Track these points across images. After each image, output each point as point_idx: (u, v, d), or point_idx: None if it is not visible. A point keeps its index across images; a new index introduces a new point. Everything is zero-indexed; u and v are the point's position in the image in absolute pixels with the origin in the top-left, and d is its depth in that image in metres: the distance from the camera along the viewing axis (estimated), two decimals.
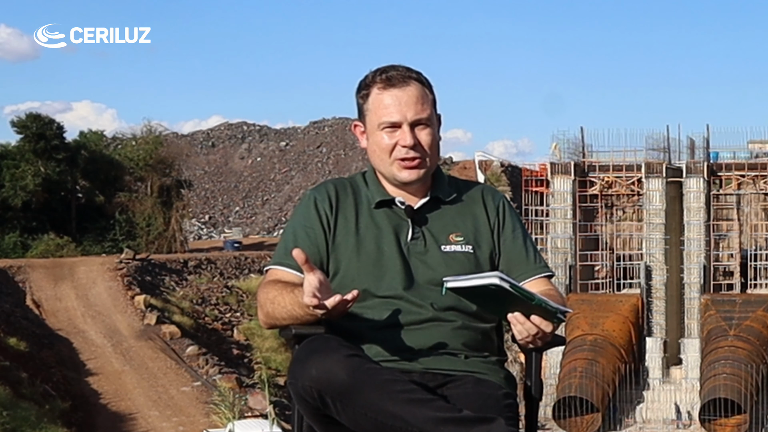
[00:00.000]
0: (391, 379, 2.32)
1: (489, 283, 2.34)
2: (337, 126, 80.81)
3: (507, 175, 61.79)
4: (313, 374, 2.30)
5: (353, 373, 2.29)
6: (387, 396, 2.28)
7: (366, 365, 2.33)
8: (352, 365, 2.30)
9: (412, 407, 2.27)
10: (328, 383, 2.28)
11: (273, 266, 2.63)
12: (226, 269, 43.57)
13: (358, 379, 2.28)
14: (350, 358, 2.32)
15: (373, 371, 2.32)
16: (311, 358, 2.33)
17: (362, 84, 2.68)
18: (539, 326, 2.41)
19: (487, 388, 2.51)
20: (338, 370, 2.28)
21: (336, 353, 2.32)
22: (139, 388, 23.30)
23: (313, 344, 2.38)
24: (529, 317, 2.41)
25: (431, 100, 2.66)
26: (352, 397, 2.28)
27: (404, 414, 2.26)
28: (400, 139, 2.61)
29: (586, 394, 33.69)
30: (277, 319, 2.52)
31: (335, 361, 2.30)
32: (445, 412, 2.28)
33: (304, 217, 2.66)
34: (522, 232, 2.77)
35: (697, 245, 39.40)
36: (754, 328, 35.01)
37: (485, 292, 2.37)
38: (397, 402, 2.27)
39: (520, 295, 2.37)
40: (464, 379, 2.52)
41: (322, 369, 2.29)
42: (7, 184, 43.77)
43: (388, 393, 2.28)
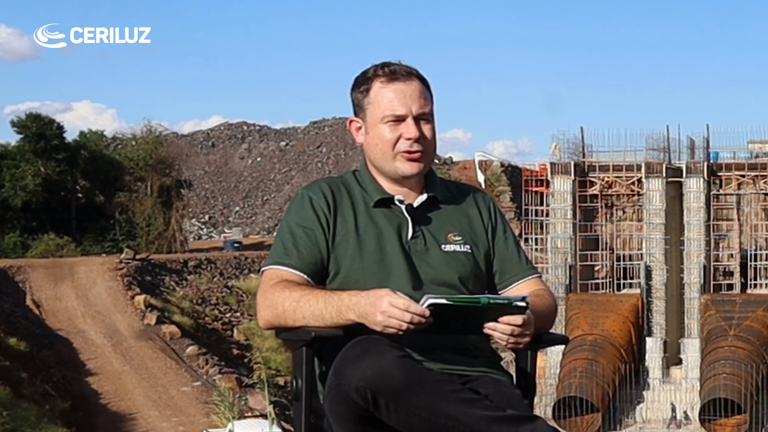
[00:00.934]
0: (442, 380, 2.34)
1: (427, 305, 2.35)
2: (337, 126, 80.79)
3: (507, 175, 61.87)
4: (368, 375, 2.28)
5: (408, 373, 2.29)
6: (440, 396, 2.29)
7: (418, 366, 2.35)
8: (406, 366, 2.31)
9: (465, 407, 2.29)
10: (383, 384, 2.27)
11: (273, 266, 2.59)
12: (226, 269, 43.57)
13: (412, 380, 2.29)
14: (403, 359, 2.32)
15: (426, 372, 2.34)
16: (364, 358, 2.31)
17: (361, 79, 2.68)
18: (509, 322, 2.41)
19: (506, 388, 2.54)
20: (393, 371, 2.28)
21: (389, 354, 2.32)
22: (139, 388, 23.30)
23: (364, 345, 2.36)
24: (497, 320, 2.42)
25: (431, 97, 2.68)
26: (407, 398, 2.28)
27: (458, 414, 2.29)
28: (404, 131, 2.61)
29: (586, 394, 33.68)
30: (295, 320, 2.47)
31: (389, 361, 2.30)
32: (494, 411, 2.31)
33: (301, 217, 2.63)
34: (511, 234, 2.80)
35: (697, 245, 39.38)
36: (754, 328, 35.01)
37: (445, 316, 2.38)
38: (451, 402, 2.29)
39: (465, 304, 2.38)
40: (482, 379, 2.54)
41: (378, 370, 2.28)
42: (7, 184, 43.77)
43: (441, 393, 2.30)
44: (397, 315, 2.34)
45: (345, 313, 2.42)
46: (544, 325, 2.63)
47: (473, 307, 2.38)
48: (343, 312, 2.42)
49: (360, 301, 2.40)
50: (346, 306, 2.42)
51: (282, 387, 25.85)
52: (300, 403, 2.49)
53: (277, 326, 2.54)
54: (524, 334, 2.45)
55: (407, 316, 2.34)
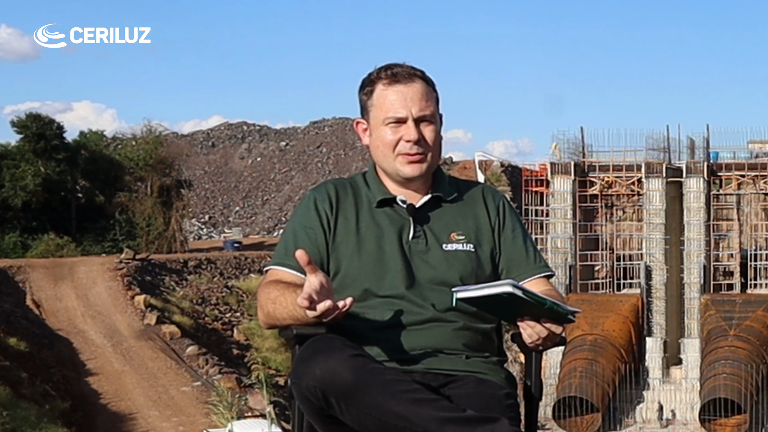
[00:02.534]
0: (395, 379, 2.32)
1: (502, 292, 2.34)
2: (337, 126, 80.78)
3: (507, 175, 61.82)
4: (317, 374, 2.29)
5: (357, 372, 2.28)
6: (391, 396, 2.27)
7: (370, 365, 2.33)
8: (356, 365, 2.30)
9: (417, 407, 2.27)
10: (332, 383, 2.28)
11: (273, 266, 2.63)
12: (226, 269, 43.55)
13: (362, 379, 2.28)
14: (354, 358, 2.32)
15: (377, 371, 2.32)
16: (315, 358, 2.33)
17: (366, 81, 2.69)
18: (550, 329, 2.42)
19: (489, 388, 2.52)
20: (342, 370, 2.28)
21: (340, 353, 2.32)
22: (139, 388, 23.28)
23: (317, 344, 2.37)
24: (539, 321, 2.42)
25: (435, 98, 2.67)
26: (357, 397, 2.27)
27: (408, 414, 2.26)
28: (404, 134, 2.61)
29: (586, 394, 33.69)
30: (278, 320, 2.51)
31: (339, 360, 2.30)
32: (449, 411, 2.28)
33: (303, 218, 2.66)
34: (522, 232, 2.78)
35: (697, 245, 39.40)
36: (754, 328, 35.01)
37: (496, 301, 2.38)
38: (402, 402, 2.27)
39: (533, 301, 2.38)
40: (466, 379, 2.53)
41: (326, 369, 2.29)
42: (7, 184, 43.75)
43: (392, 393, 2.28)
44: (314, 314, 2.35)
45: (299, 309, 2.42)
46: None
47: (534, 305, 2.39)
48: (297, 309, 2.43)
49: None
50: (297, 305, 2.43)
51: (281, 387, 25.84)
52: (295, 401, 2.49)
53: (270, 325, 2.57)
54: (553, 341, 2.47)
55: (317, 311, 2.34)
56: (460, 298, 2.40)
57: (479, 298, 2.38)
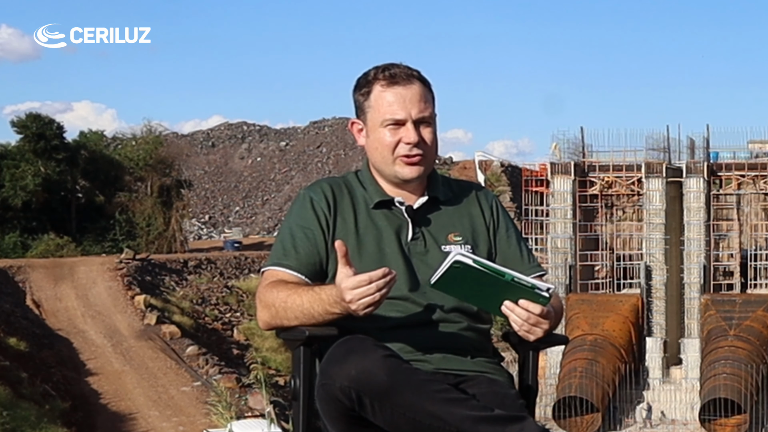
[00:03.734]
0: (428, 379, 2.33)
1: (452, 262, 2.32)
2: (337, 126, 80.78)
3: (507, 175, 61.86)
4: (352, 374, 2.28)
5: (392, 373, 2.29)
6: (425, 396, 2.28)
7: (403, 365, 2.34)
8: (390, 366, 2.30)
9: (450, 407, 2.28)
10: (367, 383, 2.27)
11: (271, 267, 2.61)
12: (226, 269, 43.55)
13: (397, 380, 2.28)
14: (388, 359, 2.32)
15: (411, 371, 2.33)
16: (349, 358, 2.31)
17: (362, 81, 2.68)
18: (527, 308, 2.39)
19: (501, 388, 2.53)
20: (378, 371, 2.28)
21: (374, 353, 2.32)
22: (139, 388, 23.28)
23: (350, 344, 2.36)
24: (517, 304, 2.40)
25: (432, 99, 2.67)
26: (391, 398, 2.27)
27: (442, 413, 2.27)
28: (403, 136, 2.61)
29: (586, 394, 33.66)
30: (288, 319, 2.49)
31: (374, 361, 2.30)
32: (480, 411, 2.30)
33: (301, 218, 2.65)
34: (515, 232, 2.79)
35: (697, 245, 39.36)
36: (754, 328, 34.98)
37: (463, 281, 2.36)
38: (435, 401, 2.28)
39: (489, 271, 2.34)
40: (476, 379, 2.54)
41: (362, 369, 2.28)
42: (7, 184, 43.76)
43: (426, 393, 2.29)
44: (365, 293, 2.33)
45: (331, 308, 2.42)
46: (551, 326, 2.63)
47: (495, 279, 2.35)
48: (328, 309, 2.43)
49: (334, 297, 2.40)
50: (328, 303, 2.42)
51: (282, 387, 25.84)
52: (298, 402, 2.49)
53: (274, 326, 2.55)
54: (539, 325, 2.43)
55: (372, 287, 2.32)
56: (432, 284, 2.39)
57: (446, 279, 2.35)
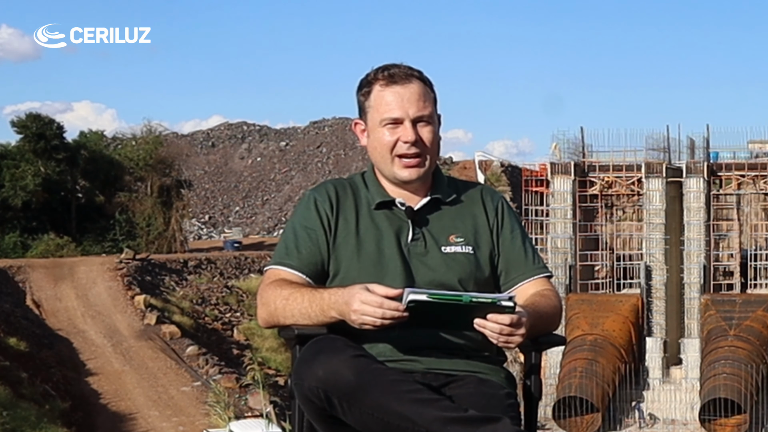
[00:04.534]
0: (398, 380, 2.32)
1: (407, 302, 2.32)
2: (337, 126, 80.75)
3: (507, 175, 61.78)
4: (319, 375, 2.29)
5: (360, 373, 2.29)
6: (394, 396, 2.27)
7: (372, 365, 2.33)
8: (358, 366, 2.30)
9: (419, 407, 2.27)
10: (334, 384, 2.28)
11: (273, 266, 2.62)
12: (226, 269, 43.53)
13: (364, 380, 2.28)
14: (357, 359, 2.32)
15: (380, 371, 2.32)
16: (317, 358, 2.32)
17: (364, 81, 2.68)
18: (496, 321, 2.38)
19: (490, 388, 2.52)
20: (345, 371, 2.28)
21: (342, 353, 2.32)
22: (139, 388, 23.27)
23: (319, 344, 2.37)
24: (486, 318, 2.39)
25: (433, 99, 2.66)
26: (359, 398, 2.27)
27: (411, 414, 2.26)
28: (401, 135, 2.61)
29: (586, 394, 33.67)
30: (284, 318, 2.50)
31: (342, 361, 2.30)
32: (452, 411, 2.28)
33: (304, 218, 2.65)
34: (521, 233, 2.76)
35: (697, 245, 39.37)
36: (754, 328, 34.99)
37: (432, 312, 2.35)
38: (404, 402, 2.27)
39: (447, 301, 2.34)
40: (467, 379, 2.53)
41: (329, 369, 2.29)
42: (7, 184, 43.75)
43: (394, 393, 2.28)
44: (370, 312, 2.34)
45: (327, 311, 2.43)
46: (547, 327, 2.62)
47: (454, 305, 2.34)
48: (325, 310, 2.44)
49: (338, 300, 2.41)
50: (327, 304, 2.44)
51: (282, 387, 25.83)
52: (296, 401, 2.49)
53: (272, 324, 2.56)
54: (514, 334, 2.40)
55: (379, 312, 2.33)
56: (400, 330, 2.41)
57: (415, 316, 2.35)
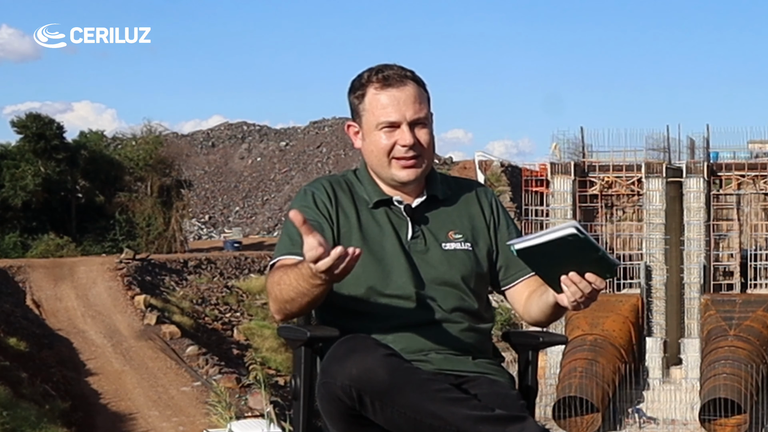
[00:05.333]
0: (429, 379, 2.33)
1: (566, 234, 2.25)
2: (337, 126, 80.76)
3: (507, 175, 61.84)
4: (353, 373, 2.28)
5: (393, 372, 2.28)
6: (426, 395, 2.28)
7: (405, 365, 2.33)
8: (392, 364, 2.30)
9: (451, 406, 2.28)
10: (368, 382, 2.27)
11: (280, 257, 2.58)
12: (226, 269, 43.52)
13: (398, 379, 2.28)
14: (389, 358, 2.32)
15: (412, 371, 2.33)
16: (350, 357, 2.31)
17: (357, 84, 2.67)
18: (594, 282, 2.35)
19: (502, 388, 2.53)
20: (379, 370, 2.28)
21: (375, 352, 2.32)
22: (139, 388, 23.27)
23: (350, 343, 2.36)
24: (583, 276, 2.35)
25: (427, 99, 2.66)
26: (392, 397, 2.27)
27: (443, 413, 2.27)
28: (399, 138, 2.60)
29: (586, 394, 33.66)
30: (286, 301, 2.46)
31: (375, 360, 2.29)
32: (481, 410, 2.30)
33: (304, 211, 2.60)
34: (515, 229, 2.78)
35: (697, 245, 39.36)
36: (754, 328, 34.98)
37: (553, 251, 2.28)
38: (436, 401, 2.28)
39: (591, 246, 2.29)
40: (478, 379, 2.54)
41: (363, 368, 2.28)
42: (7, 184, 43.75)
43: (427, 392, 2.28)
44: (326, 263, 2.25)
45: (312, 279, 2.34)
46: (549, 321, 2.63)
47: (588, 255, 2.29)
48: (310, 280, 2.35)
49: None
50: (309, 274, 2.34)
51: (282, 387, 25.83)
52: (299, 402, 2.49)
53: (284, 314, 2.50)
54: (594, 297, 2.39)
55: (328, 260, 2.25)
56: (519, 249, 2.31)
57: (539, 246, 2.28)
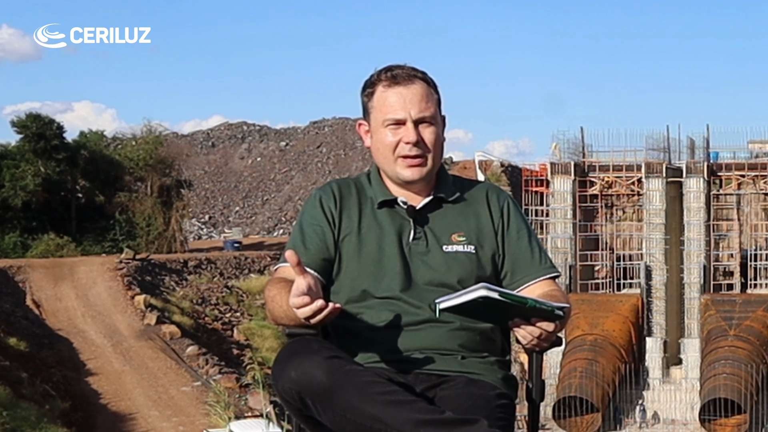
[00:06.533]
0: (371, 381, 2.31)
1: (476, 297, 2.31)
2: (337, 126, 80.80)
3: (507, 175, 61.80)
4: (292, 376, 2.31)
5: (332, 374, 2.29)
6: (366, 398, 2.27)
7: (346, 367, 2.33)
8: (330, 367, 2.30)
9: (392, 409, 2.26)
10: (307, 385, 2.29)
11: (282, 264, 2.61)
12: (226, 269, 43.52)
13: (336, 381, 2.28)
14: (329, 360, 2.32)
15: (353, 373, 2.32)
16: (291, 360, 2.34)
17: (367, 82, 2.68)
18: (541, 327, 2.39)
19: (479, 389, 2.50)
20: (316, 372, 2.29)
21: (316, 355, 2.33)
22: (139, 388, 23.26)
23: (294, 346, 2.39)
24: (530, 320, 2.39)
25: (436, 100, 2.66)
26: (331, 399, 2.28)
27: (383, 416, 2.26)
28: (403, 135, 2.61)
29: (586, 394, 33.68)
30: (277, 318, 2.52)
31: (314, 362, 2.31)
32: (426, 413, 2.27)
33: (311, 216, 2.67)
34: (527, 233, 2.73)
35: (697, 245, 39.38)
36: (754, 328, 35.00)
37: (478, 306, 2.35)
38: (376, 403, 2.27)
39: (512, 302, 2.34)
40: (456, 379, 2.52)
41: (301, 371, 2.30)
42: (7, 184, 43.77)
43: (367, 395, 2.27)
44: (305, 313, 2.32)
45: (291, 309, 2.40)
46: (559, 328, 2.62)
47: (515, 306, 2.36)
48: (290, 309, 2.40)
49: None
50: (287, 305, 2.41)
51: None
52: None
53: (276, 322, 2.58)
54: (549, 340, 2.44)
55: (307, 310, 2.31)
56: (442, 309, 2.38)
57: (460, 306, 2.35)
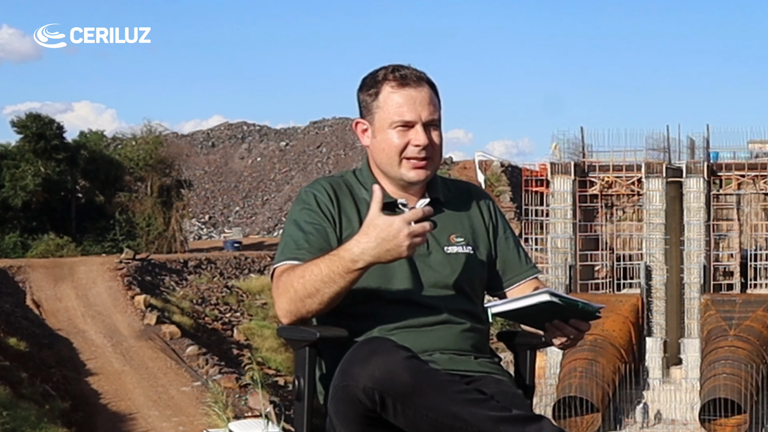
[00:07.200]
0: (449, 380, 2.34)
1: (540, 301, 2.40)
2: (337, 126, 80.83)
3: (507, 175, 61.90)
4: (376, 375, 2.28)
5: (415, 374, 2.29)
6: (447, 397, 2.29)
7: (425, 366, 2.34)
8: (413, 367, 2.30)
9: (472, 407, 2.29)
10: (391, 385, 2.27)
11: (286, 261, 2.55)
12: (226, 269, 43.54)
13: (420, 381, 2.29)
14: (411, 360, 2.32)
15: (433, 373, 2.34)
16: (372, 359, 2.30)
17: (370, 81, 2.66)
18: (578, 328, 2.51)
19: (508, 388, 2.55)
20: (401, 372, 2.28)
21: (396, 354, 2.32)
22: (139, 388, 23.27)
23: (371, 345, 2.36)
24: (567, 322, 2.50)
25: (438, 103, 2.67)
26: (414, 398, 2.28)
27: (465, 414, 2.28)
28: (413, 138, 2.60)
29: (586, 394, 33.67)
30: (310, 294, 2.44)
31: (397, 362, 2.29)
32: (499, 411, 2.31)
33: (307, 213, 2.62)
34: (511, 233, 2.81)
35: (697, 245, 39.36)
36: (754, 328, 34.99)
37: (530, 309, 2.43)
38: (458, 402, 2.29)
39: (567, 305, 2.44)
40: (484, 379, 2.54)
41: (386, 370, 2.28)
42: (7, 184, 43.78)
43: (448, 394, 2.30)
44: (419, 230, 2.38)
45: (355, 264, 2.39)
46: None
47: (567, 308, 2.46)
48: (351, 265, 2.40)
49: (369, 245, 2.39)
50: (353, 258, 2.39)
51: (282, 387, 25.85)
52: (302, 403, 2.49)
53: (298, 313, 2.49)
54: (579, 339, 2.54)
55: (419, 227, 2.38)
56: (495, 313, 2.45)
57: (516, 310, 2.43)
